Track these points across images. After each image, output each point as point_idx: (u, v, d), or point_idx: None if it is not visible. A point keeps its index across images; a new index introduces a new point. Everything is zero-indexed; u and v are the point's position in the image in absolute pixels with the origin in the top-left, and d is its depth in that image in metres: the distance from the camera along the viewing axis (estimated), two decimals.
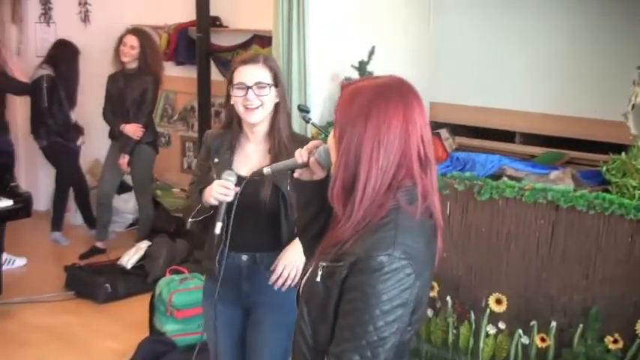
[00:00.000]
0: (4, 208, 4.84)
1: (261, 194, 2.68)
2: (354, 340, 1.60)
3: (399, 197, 1.68)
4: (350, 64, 4.63)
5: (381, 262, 1.59)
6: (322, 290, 1.69)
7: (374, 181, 1.66)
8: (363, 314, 1.59)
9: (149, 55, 5.90)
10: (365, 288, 1.60)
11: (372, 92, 1.69)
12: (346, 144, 1.68)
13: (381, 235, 1.64)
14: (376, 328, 1.59)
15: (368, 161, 1.65)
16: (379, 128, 1.65)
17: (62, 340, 4.75)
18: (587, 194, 3.54)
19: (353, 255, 1.63)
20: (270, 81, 2.69)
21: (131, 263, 5.65)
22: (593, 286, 3.59)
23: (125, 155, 5.92)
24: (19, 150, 7.17)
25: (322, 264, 1.70)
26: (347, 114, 1.70)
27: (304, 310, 1.74)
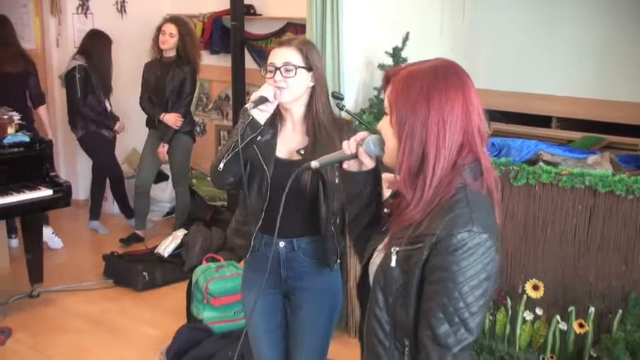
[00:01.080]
0: (43, 197, 4.91)
1: (301, 179, 2.67)
2: (447, 320, 1.63)
3: (465, 174, 1.72)
4: (384, 51, 4.61)
5: (462, 239, 1.62)
6: (399, 275, 1.71)
7: (442, 162, 1.69)
8: (452, 292, 1.62)
9: (189, 43, 5.93)
10: (450, 267, 1.62)
11: (429, 75, 1.72)
12: (410, 128, 1.70)
13: (457, 213, 1.67)
14: (467, 304, 1.62)
15: (435, 143, 1.68)
16: (443, 109, 1.69)
17: (101, 327, 4.83)
18: (626, 178, 3.49)
19: (432, 236, 1.65)
20: (299, 63, 2.65)
21: (168, 252, 5.70)
22: (633, 271, 3.54)
23: (165, 144, 5.97)
24: (58, 140, 7.28)
25: (395, 249, 1.72)
26: (406, 99, 1.71)
27: (379, 297, 1.75)
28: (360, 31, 4.68)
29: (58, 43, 7.32)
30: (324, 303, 2.82)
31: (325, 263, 2.79)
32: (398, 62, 4.59)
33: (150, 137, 6.18)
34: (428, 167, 1.69)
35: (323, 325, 2.86)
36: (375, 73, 4.77)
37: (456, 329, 1.63)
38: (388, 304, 1.73)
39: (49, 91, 7.29)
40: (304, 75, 2.67)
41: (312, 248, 2.79)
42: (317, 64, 2.70)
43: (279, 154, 2.74)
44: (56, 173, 5.15)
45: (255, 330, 2.92)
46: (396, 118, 1.73)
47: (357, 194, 1.95)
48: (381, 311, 1.75)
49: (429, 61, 1.78)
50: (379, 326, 1.75)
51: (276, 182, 2.68)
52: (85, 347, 4.54)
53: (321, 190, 2.69)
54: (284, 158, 2.73)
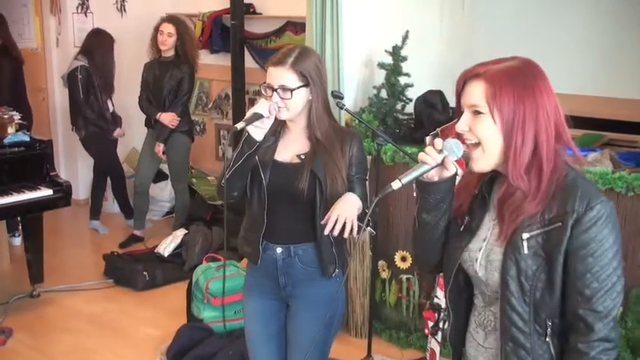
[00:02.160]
0: (43, 197, 4.91)
1: (297, 182, 2.65)
2: (602, 288, 1.73)
3: (564, 156, 1.81)
4: (384, 50, 4.61)
5: (600, 210, 1.72)
6: (533, 260, 1.77)
7: (550, 152, 1.77)
8: (602, 260, 1.72)
9: (187, 42, 5.93)
10: (596, 237, 1.72)
11: (527, 70, 1.80)
12: (520, 122, 1.76)
13: (585, 188, 1.76)
14: (614, 268, 1.73)
15: (545, 132, 1.76)
16: (544, 101, 1.77)
17: (102, 326, 4.83)
18: (626, 175, 3.50)
19: (572, 213, 1.73)
20: (295, 84, 2.61)
21: (168, 251, 5.70)
22: (633, 268, 3.54)
23: (161, 143, 5.97)
24: (59, 140, 7.28)
25: (526, 236, 1.77)
26: (513, 94, 1.76)
27: (513, 287, 1.79)
28: (360, 30, 4.67)
29: (58, 42, 7.34)
30: (321, 312, 2.76)
31: (322, 271, 2.75)
32: (398, 60, 4.58)
33: (148, 137, 6.18)
34: (543, 158, 1.76)
35: (323, 336, 2.81)
36: (374, 71, 4.76)
37: (610, 293, 1.73)
38: (525, 291, 1.78)
39: (49, 91, 7.30)
40: (302, 93, 2.65)
41: (309, 255, 2.75)
42: (314, 75, 2.65)
43: (279, 158, 2.73)
44: (56, 173, 5.15)
45: (252, 336, 2.91)
46: (502, 114, 1.76)
47: (439, 201, 1.93)
48: (517, 300, 1.79)
49: (509, 59, 1.84)
50: (517, 315, 1.80)
51: (275, 186, 2.69)
52: (85, 347, 4.54)
53: (317, 197, 2.66)
54: (283, 162, 2.72)
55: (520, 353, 1.81)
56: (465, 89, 1.83)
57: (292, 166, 2.69)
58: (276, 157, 2.74)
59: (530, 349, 1.81)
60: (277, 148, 2.75)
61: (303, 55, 2.68)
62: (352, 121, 4.44)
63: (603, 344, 1.74)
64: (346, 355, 4.19)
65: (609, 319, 1.74)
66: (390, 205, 4.36)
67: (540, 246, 1.77)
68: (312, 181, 2.65)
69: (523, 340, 1.81)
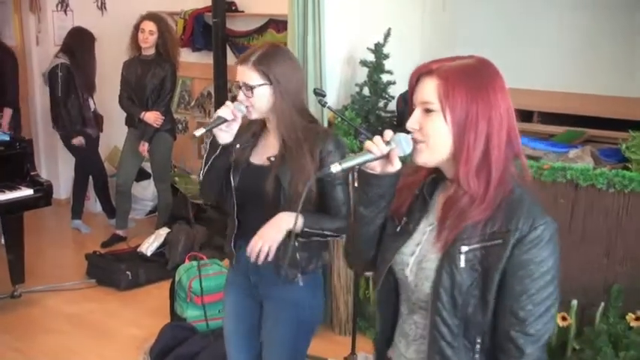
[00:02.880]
0: (24, 197, 4.87)
1: (263, 185, 2.62)
2: (537, 311, 1.68)
3: (512, 168, 1.75)
4: (366, 47, 4.61)
5: (544, 231, 1.67)
6: (469, 275, 1.71)
7: (503, 155, 1.71)
8: (539, 283, 1.67)
9: (168, 40, 5.90)
10: (537, 259, 1.67)
11: (485, 69, 1.74)
12: (473, 121, 1.69)
13: (530, 206, 1.70)
14: (550, 292, 1.69)
15: (498, 136, 1.70)
16: (499, 103, 1.70)
17: (85, 326, 4.80)
18: (607, 172, 3.52)
19: (515, 231, 1.67)
20: (257, 82, 2.59)
21: (151, 250, 5.68)
22: (614, 264, 3.57)
23: (145, 143, 5.94)
24: (39, 139, 7.23)
25: (464, 249, 1.71)
26: (465, 93, 1.69)
27: (446, 299, 1.72)
28: (342, 27, 4.68)
29: (38, 40, 7.28)
30: (291, 316, 2.73)
31: (281, 275, 2.68)
32: (380, 58, 4.59)
33: (129, 136, 6.15)
34: (492, 161, 1.70)
35: (290, 340, 2.76)
36: (356, 69, 4.77)
37: (544, 317, 1.69)
38: (457, 305, 1.72)
39: (29, 89, 7.25)
40: (265, 91, 2.61)
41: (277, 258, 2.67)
42: (278, 74, 2.61)
43: (253, 159, 2.72)
44: (37, 172, 5.11)
45: (226, 332, 2.94)
46: (455, 113, 1.69)
47: (379, 197, 1.84)
48: (448, 313, 1.73)
49: (466, 57, 1.77)
50: (447, 329, 1.74)
51: (244, 188, 2.70)
52: (68, 347, 4.51)
53: (281, 201, 2.61)
54: (256, 164, 2.71)
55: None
56: (418, 86, 1.75)
57: (262, 168, 2.67)
58: (252, 158, 2.73)
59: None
60: (255, 150, 2.74)
61: (269, 54, 2.64)
62: (335, 118, 4.45)
63: None
64: (330, 352, 4.20)
65: (540, 343, 1.70)
66: None
67: (478, 261, 1.70)
68: (276, 186, 2.61)
69: (450, 354, 1.75)
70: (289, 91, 2.64)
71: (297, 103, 2.68)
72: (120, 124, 6.43)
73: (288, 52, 2.79)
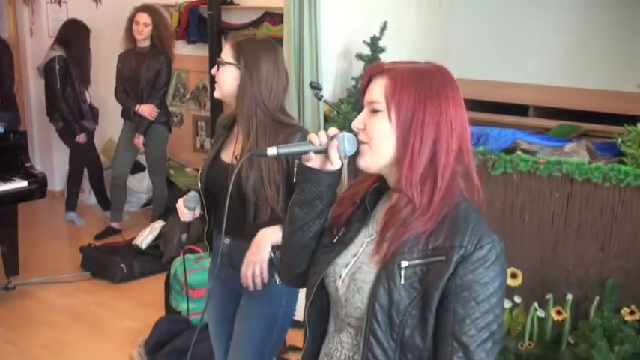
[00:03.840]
0: (18, 189, 4.86)
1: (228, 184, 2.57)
2: (480, 336, 1.56)
3: (459, 182, 1.65)
4: (362, 40, 4.60)
5: (489, 251, 1.56)
6: (407, 292, 1.58)
7: (450, 167, 1.61)
8: (484, 305, 1.56)
9: (163, 31, 5.88)
10: (483, 279, 1.55)
11: (437, 75, 1.63)
12: (419, 126, 1.59)
13: (477, 223, 1.60)
14: (496, 316, 1.57)
15: (446, 144, 1.60)
16: (450, 111, 1.61)
17: (79, 319, 4.80)
18: (602, 166, 3.52)
19: (460, 248, 1.56)
20: (227, 59, 2.62)
21: (146, 243, 5.67)
22: (609, 258, 3.58)
23: (140, 135, 5.93)
24: (34, 131, 7.20)
25: (404, 264, 1.59)
26: (413, 95, 1.60)
27: (382, 318, 1.59)
28: (338, 21, 4.67)
29: (32, 32, 7.23)
30: (262, 309, 2.73)
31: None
32: (376, 51, 4.58)
33: (125, 128, 6.14)
34: (439, 169, 1.60)
35: (257, 332, 2.75)
36: (353, 62, 4.76)
37: (487, 343, 1.57)
38: (394, 325, 1.59)
39: (23, 81, 7.22)
40: (231, 71, 2.61)
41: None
42: (250, 62, 2.58)
43: (222, 155, 2.74)
44: (31, 164, 5.10)
45: (209, 319, 3.00)
46: (400, 114, 1.60)
47: (315, 197, 1.74)
48: (384, 334, 1.59)
49: (423, 62, 1.68)
50: (382, 351, 1.60)
51: (215, 181, 2.71)
52: (62, 340, 4.50)
53: (245, 200, 2.60)
54: (224, 160, 2.73)
55: None
56: (369, 86, 1.67)
57: (228, 166, 2.67)
58: (221, 153, 2.74)
59: None
60: (224, 144, 2.76)
61: (253, 42, 2.66)
62: (331, 112, 4.44)
63: None
64: None
65: None
66: None
67: (418, 278, 1.58)
68: (238, 185, 2.57)
69: None
70: (257, 83, 2.60)
71: (265, 98, 2.61)
72: (115, 116, 6.41)
73: (276, 52, 2.71)
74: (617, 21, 4.72)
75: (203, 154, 6.27)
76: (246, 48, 2.62)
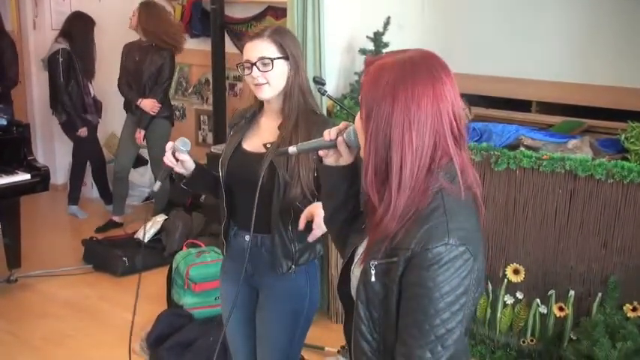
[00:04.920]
0: (21, 181, 4.86)
1: (257, 172, 2.51)
2: (423, 337, 1.53)
3: (441, 178, 1.58)
4: (365, 35, 4.59)
5: (438, 254, 1.51)
6: (380, 289, 1.60)
7: (410, 166, 1.54)
8: (428, 309, 1.52)
9: (144, 21, 5.79)
10: (426, 282, 1.51)
11: (397, 69, 1.56)
12: (374, 127, 1.56)
13: (433, 224, 1.54)
14: (443, 320, 1.52)
15: (400, 145, 1.54)
16: (409, 108, 1.53)
17: (81, 312, 4.80)
18: (606, 163, 3.52)
19: (407, 250, 1.54)
20: (275, 54, 2.52)
21: (148, 237, 5.67)
22: (612, 255, 3.58)
23: (141, 130, 5.93)
24: (36, 124, 7.20)
25: (373, 263, 1.60)
26: (373, 94, 1.56)
27: (363, 313, 1.63)
28: (342, 16, 4.66)
29: (35, 25, 7.22)
30: (285, 306, 2.71)
31: (275, 266, 2.65)
32: (379, 47, 4.57)
33: (127, 121, 6.14)
34: (393, 171, 1.55)
35: (284, 330, 2.73)
36: (356, 57, 4.75)
37: (432, 347, 1.53)
38: (374, 319, 1.62)
39: (26, 74, 7.21)
40: (282, 65, 2.55)
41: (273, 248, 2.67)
42: (293, 51, 2.57)
43: (245, 145, 2.67)
44: (34, 157, 5.10)
45: (225, 320, 2.90)
46: (363, 112, 1.59)
47: (334, 189, 1.80)
48: (367, 327, 1.63)
49: (407, 52, 1.62)
50: (367, 344, 1.65)
51: (237, 174, 2.65)
52: (64, 332, 4.51)
53: (275, 190, 2.56)
54: (249, 150, 2.66)
55: None
56: None
57: (256, 154, 2.62)
58: (244, 143, 2.68)
59: None
60: (247, 135, 2.70)
61: (281, 30, 2.63)
62: (334, 107, 4.44)
63: None
64: (327, 341, 4.20)
65: None
66: None
67: (385, 276, 1.58)
68: (271, 174, 2.54)
69: None
70: (300, 70, 2.60)
71: (304, 85, 2.63)
72: (117, 110, 6.41)
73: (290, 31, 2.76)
74: (622, 16, 4.70)
75: (205, 148, 6.26)
76: (285, 38, 2.57)
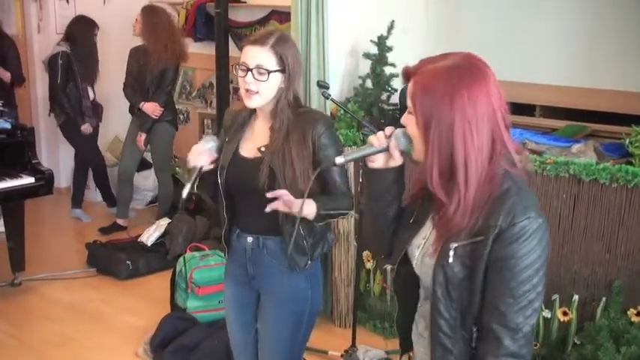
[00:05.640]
0: (25, 185, 4.86)
1: (258, 179, 2.56)
2: (517, 303, 1.70)
3: (503, 164, 1.74)
4: (369, 39, 4.60)
5: (524, 227, 1.68)
6: (461, 269, 1.76)
7: (474, 163, 1.70)
8: (519, 277, 1.69)
9: (145, 29, 5.77)
10: (516, 253, 1.69)
11: (448, 76, 1.70)
12: (435, 131, 1.69)
13: (512, 202, 1.71)
14: (533, 285, 1.70)
15: (462, 146, 1.69)
16: (466, 111, 1.68)
17: (84, 315, 4.80)
18: (610, 167, 3.51)
19: (495, 227, 1.70)
20: (273, 67, 2.52)
21: (151, 240, 5.67)
22: (616, 259, 3.57)
23: (143, 133, 5.93)
24: (40, 127, 7.21)
25: (453, 245, 1.75)
26: (430, 100, 1.70)
27: (442, 293, 1.78)
28: (345, 19, 4.66)
29: (40, 28, 7.24)
30: (288, 309, 2.71)
31: (289, 266, 2.65)
32: (383, 50, 4.58)
33: (132, 125, 6.14)
34: (459, 171, 1.70)
35: (286, 333, 2.74)
36: (360, 61, 4.76)
37: (525, 310, 1.71)
38: (452, 298, 1.78)
39: (30, 77, 7.22)
40: (278, 77, 2.55)
41: (278, 249, 2.68)
42: (291, 63, 2.56)
43: (242, 151, 2.68)
44: (38, 161, 5.10)
45: (230, 324, 2.92)
46: (420, 121, 1.73)
47: (384, 191, 1.92)
48: (445, 307, 1.79)
49: (449, 56, 1.75)
50: (445, 322, 1.80)
51: (235, 181, 2.66)
52: (67, 336, 4.51)
53: (275, 189, 2.53)
54: (246, 156, 2.66)
55: (449, 359, 1.82)
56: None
57: (253, 160, 2.62)
58: (240, 150, 2.68)
59: (457, 354, 1.81)
60: (242, 140, 2.70)
61: (285, 40, 2.61)
62: (338, 111, 4.44)
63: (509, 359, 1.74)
64: (330, 345, 4.20)
65: (520, 335, 1.72)
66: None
67: (467, 255, 1.75)
68: (271, 177, 2.55)
69: (450, 346, 1.81)
70: (294, 81, 2.61)
71: (295, 92, 2.63)
72: (120, 114, 6.42)
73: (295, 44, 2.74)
74: (626, 20, 4.69)
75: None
76: (286, 49, 2.56)
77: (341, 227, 4.38)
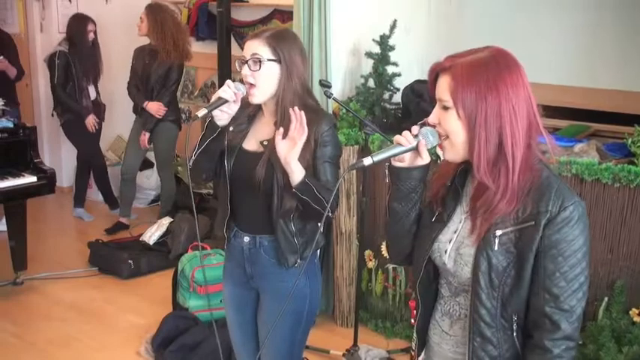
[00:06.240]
0: (27, 184, 4.87)
1: (257, 173, 2.58)
2: (570, 286, 1.75)
3: (538, 153, 1.81)
4: (371, 39, 4.59)
5: (572, 211, 1.74)
6: (504, 256, 1.79)
7: (520, 145, 1.76)
8: (571, 260, 1.75)
9: (152, 27, 5.78)
10: (567, 237, 1.74)
11: (492, 64, 1.77)
12: (483, 119, 1.74)
13: (557, 188, 1.77)
14: (583, 268, 1.76)
15: (510, 129, 1.75)
16: (510, 96, 1.75)
17: (86, 314, 4.80)
18: (613, 167, 3.51)
19: (546, 212, 1.74)
20: (267, 56, 2.54)
21: (153, 239, 5.68)
22: (618, 259, 3.56)
23: (146, 132, 5.93)
24: (42, 127, 7.22)
25: (497, 233, 1.78)
26: (474, 91, 1.75)
27: (483, 282, 1.81)
28: (348, 19, 4.65)
29: (42, 27, 7.25)
30: (289, 309, 2.69)
31: (278, 262, 2.67)
32: (385, 50, 4.57)
33: (136, 124, 6.14)
34: (508, 154, 1.75)
35: (285, 331, 2.74)
36: (362, 60, 4.75)
37: (577, 293, 1.76)
38: (494, 286, 1.80)
39: (32, 76, 7.23)
40: (273, 68, 2.56)
41: (274, 247, 2.69)
42: (287, 56, 2.57)
43: (246, 145, 2.68)
44: (40, 160, 5.11)
45: (230, 323, 2.93)
46: (465, 110, 1.76)
47: (410, 190, 1.95)
48: (486, 295, 1.82)
49: (480, 50, 1.82)
50: (486, 310, 1.83)
51: (237, 174, 2.66)
52: (69, 335, 4.51)
53: (274, 187, 2.57)
54: (249, 150, 2.67)
55: (487, 348, 1.85)
56: (437, 82, 1.83)
57: (254, 154, 2.63)
58: (244, 143, 2.69)
59: (497, 343, 1.85)
60: (247, 134, 2.70)
61: (282, 34, 2.63)
62: (340, 110, 4.44)
63: (567, 342, 1.77)
64: (332, 344, 4.20)
65: (574, 318, 1.77)
66: (377, 195, 4.36)
67: (512, 243, 1.79)
68: (269, 171, 2.57)
69: (490, 335, 1.84)
70: (295, 76, 2.60)
71: (299, 88, 2.62)
72: (123, 113, 6.43)
73: (297, 37, 2.75)
74: (628, 20, 4.69)
75: None
76: (281, 42, 2.58)
77: (342, 226, 4.38)
